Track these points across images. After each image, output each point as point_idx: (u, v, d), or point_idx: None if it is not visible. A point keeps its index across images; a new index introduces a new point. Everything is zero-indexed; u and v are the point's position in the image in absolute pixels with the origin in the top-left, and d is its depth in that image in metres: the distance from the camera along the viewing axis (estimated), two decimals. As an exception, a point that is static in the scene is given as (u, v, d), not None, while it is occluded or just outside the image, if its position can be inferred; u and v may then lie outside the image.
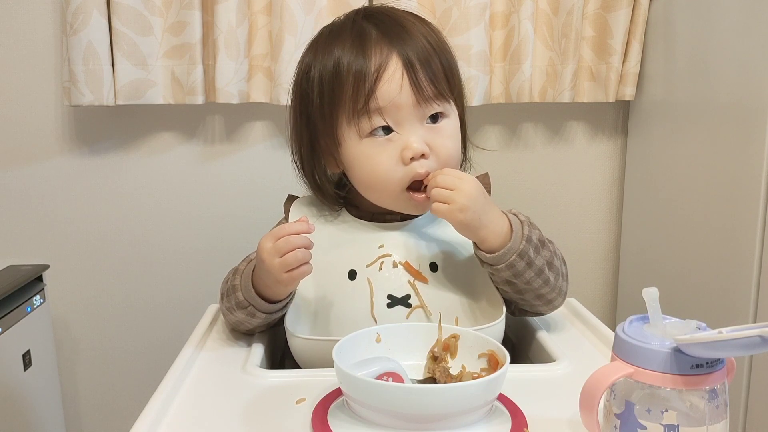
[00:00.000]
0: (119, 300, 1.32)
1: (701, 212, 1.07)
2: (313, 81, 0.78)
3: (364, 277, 0.78)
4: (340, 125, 0.78)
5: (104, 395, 1.35)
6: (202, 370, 0.73)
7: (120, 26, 1.14)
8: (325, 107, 0.78)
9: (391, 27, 0.77)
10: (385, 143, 0.77)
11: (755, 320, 0.95)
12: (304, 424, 0.60)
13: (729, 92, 1.00)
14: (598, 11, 1.23)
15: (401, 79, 0.75)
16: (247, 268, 0.78)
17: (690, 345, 0.47)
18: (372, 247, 0.80)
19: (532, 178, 1.35)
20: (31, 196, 1.27)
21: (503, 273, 0.75)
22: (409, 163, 0.76)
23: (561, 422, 0.60)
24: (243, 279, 0.78)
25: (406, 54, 0.75)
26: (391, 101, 0.75)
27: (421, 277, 0.78)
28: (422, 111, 0.77)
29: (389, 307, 0.76)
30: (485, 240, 0.74)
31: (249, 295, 0.76)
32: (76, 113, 1.25)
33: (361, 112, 0.75)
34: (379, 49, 0.75)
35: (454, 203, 0.73)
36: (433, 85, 0.76)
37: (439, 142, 0.77)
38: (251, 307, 0.76)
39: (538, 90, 1.25)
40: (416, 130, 0.77)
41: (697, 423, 0.49)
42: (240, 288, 0.77)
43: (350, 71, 0.75)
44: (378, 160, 0.77)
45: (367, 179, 0.79)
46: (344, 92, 0.76)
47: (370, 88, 0.74)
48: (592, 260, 1.40)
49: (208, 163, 1.29)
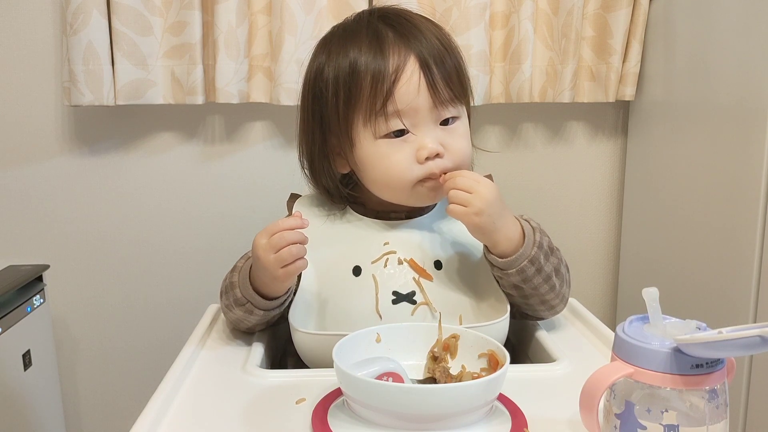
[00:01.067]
0: (119, 300, 1.32)
1: (701, 212, 1.07)
2: (328, 81, 0.79)
3: (369, 274, 0.78)
4: (356, 125, 0.78)
5: (104, 395, 1.35)
6: (202, 370, 0.74)
7: (120, 26, 1.14)
8: (341, 107, 0.78)
9: (407, 28, 0.78)
10: (400, 143, 0.77)
11: (755, 320, 0.95)
12: (304, 424, 0.60)
13: (729, 92, 1.00)
14: (598, 11, 1.23)
15: (419, 81, 0.76)
16: (245, 266, 0.79)
17: (690, 345, 0.47)
18: (377, 244, 0.80)
19: (532, 178, 1.35)
20: (31, 196, 1.27)
21: (513, 278, 0.76)
22: (424, 162, 0.77)
23: (561, 422, 0.60)
24: (241, 276, 0.78)
25: (423, 55, 0.76)
26: (408, 104, 0.76)
27: (425, 275, 0.78)
28: (438, 113, 0.78)
29: (394, 304, 0.77)
30: (498, 244, 0.75)
31: (247, 292, 0.76)
32: (76, 113, 1.25)
33: (378, 114, 0.76)
34: (397, 50, 0.76)
35: (471, 206, 0.74)
36: (449, 87, 0.77)
37: (453, 143, 0.79)
38: (249, 303, 0.77)
39: (538, 90, 1.25)
40: (431, 130, 0.78)
41: (697, 423, 0.49)
42: (238, 285, 0.78)
43: (368, 72, 0.76)
44: (394, 159, 0.78)
45: (382, 178, 0.80)
46: (362, 93, 0.76)
47: (388, 90, 0.75)
48: (592, 260, 1.40)
49: (208, 163, 1.29)
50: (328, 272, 0.80)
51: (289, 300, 0.78)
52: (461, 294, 0.79)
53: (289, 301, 0.78)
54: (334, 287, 0.79)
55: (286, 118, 1.28)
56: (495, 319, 0.74)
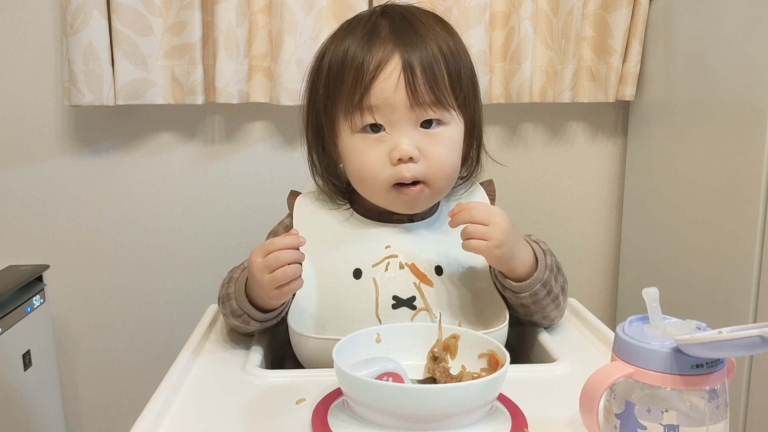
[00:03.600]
0: (119, 300, 1.32)
1: (701, 212, 1.07)
2: (323, 69, 0.79)
3: (370, 277, 0.78)
4: (338, 117, 0.78)
5: (104, 395, 1.35)
6: (202, 370, 0.73)
7: (120, 26, 1.14)
8: (328, 97, 0.78)
9: (403, 27, 0.77)
10: (375, 141, 0.76)
11: (755, 320, 0.95)
12: (304, 424, 0.60)
13: (729, 92, 1.00)
14: (598, 11, 1.23)
15: (397, 80, 0.74)
16: (241, 277, 0.78)
17: (690, 345, 0.47)
18: (378, 246, 0.80)
19: (532, 178, 1.35)
20: (31, 196, 1.27)
21: (525, 300, 0.76)
22: (396, 164, 0.76)
23: (561, 422, 0.60)
24: (237, 288, 0.78)
25: (408, 56, 0.74)
26: (384, 100, 0.74)
27: (426, 280, 0.78)
28: (416, 115, 0.76)
29: (394, 308, 0.76)
30: (515, 270, 0.75)
31: (243, 305, 0.76)
32: (76, 113, 1.25)
33: (355, 108, 0.75)
34: (383, 46, 0.75)
35: (492, 239, 0.73)
36: (432, 92, 0.75)
37: (432, 148, 0.76)
38: (245, 315, 0.77)
39: (538, 90, 1.25)
40: (408, 132, 0.76)
41: (697, 423, 0.49)
42: (234, 296, 0.77)
43: (353, 64, 0.75)
44: (367, 156, 0.77)
45: (357, 174, 0.79)
46: (344, 84, 0.76)
47: (366, 85, 0.74)
48: (592, 260, 1.40)
49: (208, 163, 1.29)
50: (329, 274, 0.79)
51: (286, 310, 0.78)
52: (461, 300, 0.78)
53: (287, 309, 0.78)
54: (334, 290, 0.79)
55: (286, 118, 1.28)
56: (495, 325, 0.74)
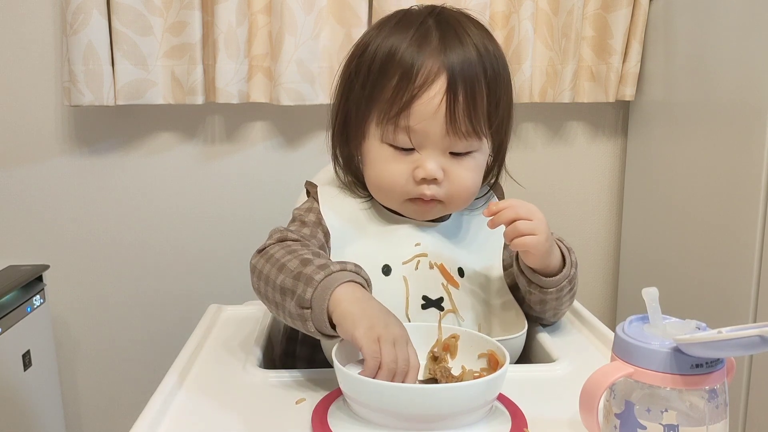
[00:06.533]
0: (119, 300, 1.32)
1: (701, 212, 1.07)
2: (364, 62, 0.75)
3: (400, 275, 0.75)
4: (371, 119, 0.75)
5: (104, 395, 1.35)
6: (203, 370, 0.73)
7: (120, 26, 1.14)
8: (364, 96, 0.75)
9: (450, 37, 0.72)
10: (402, 155, 0.74)
11: (755, 320, 0.95)
12: (304, 424, 0.60)
13: (729, 92, 1.00)
14: (598, 11, 1.23)
15: (438, 105, 0.71)
16: (315, 275, 0.63)
17: (690, 345, 0.47)
18: (408, 244, 0.77)
19: (532, 178, 1.35)
20: (31, 196, 1.27)
21: (550, 295, 0.75)
22: (419, 183, 0.74)
23: (561, 422, 0.60)
24: (316, 296, 0.62)
25: (453, 76, 0.71)
26: (421, 123, 0.72)
27: (453, 282, 0.76)
28: (450, 142, 0.73)
29: (423, 309, 0.74)
30: (549, 266, 0.74)
31: (322, 327, 0.63)
32: (76, 113, 1.25)
33: (391, 120, 0.73)
34: (432, 60, 0.71)
35: (540, 233, 0.71)
36: (470, 121, 0.72)
37: (457, 172, 0.74)
38: (316, 332, 0.64)
39: (538, 90, 1.25)
40: (437, 155, 0.74)
41: (697, 423, 0.49)
42: (312, 309, 0.63)
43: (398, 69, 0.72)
44: (391, 169, 0.75)
45: (376, 181, 0.77)
46: (385, 90, 0.73)
47: (407, 101, 0.71)
48: (592, 260, 1.40)
49: (208, 163, 1.29)
50: None
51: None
52: (481, 303, 0.78)
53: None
54: None
55: (286, 118, 1.28)
56: (513, 330, 0.73)
